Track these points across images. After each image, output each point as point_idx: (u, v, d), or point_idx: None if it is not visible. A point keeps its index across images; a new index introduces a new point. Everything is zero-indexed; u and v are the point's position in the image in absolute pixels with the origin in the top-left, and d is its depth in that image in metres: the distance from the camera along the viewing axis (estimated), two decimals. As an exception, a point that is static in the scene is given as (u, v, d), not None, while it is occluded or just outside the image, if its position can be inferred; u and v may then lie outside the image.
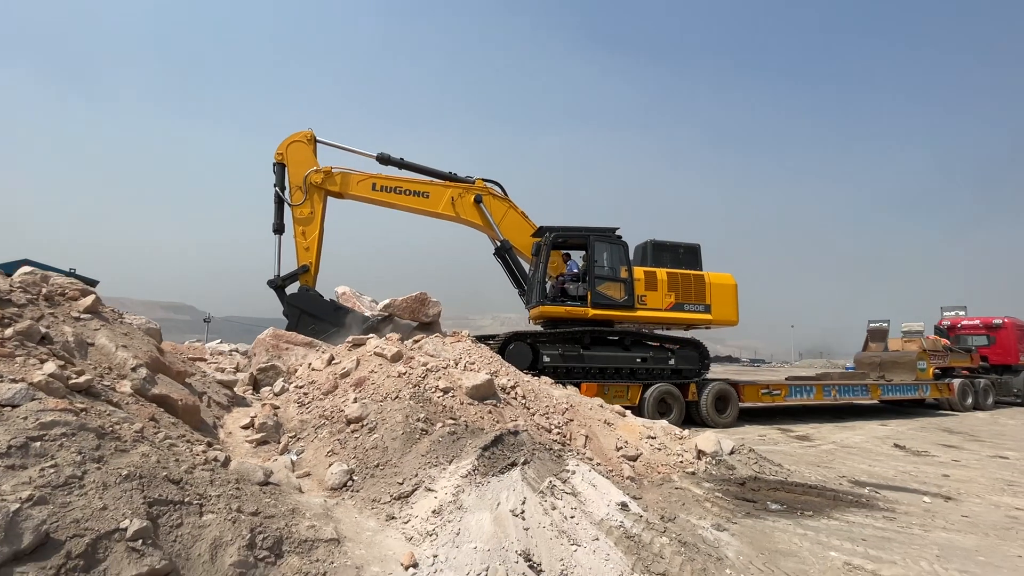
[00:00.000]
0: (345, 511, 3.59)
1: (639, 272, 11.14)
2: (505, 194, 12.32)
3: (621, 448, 6.53)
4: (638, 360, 10.92)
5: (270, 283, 10.35)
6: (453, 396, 5.87)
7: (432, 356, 6.90)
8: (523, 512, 3.51)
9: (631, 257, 11.66)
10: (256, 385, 6.44)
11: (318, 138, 11.63)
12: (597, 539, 3.47)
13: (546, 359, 10.15)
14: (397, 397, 5.51)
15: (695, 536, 4.01)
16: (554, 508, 3.64)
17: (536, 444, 4.73)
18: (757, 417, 13.18)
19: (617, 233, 11.42)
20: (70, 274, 13.15)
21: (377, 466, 4.13)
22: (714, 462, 6.56)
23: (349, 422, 4.89)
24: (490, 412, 6.00)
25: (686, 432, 7.20)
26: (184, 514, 2.78)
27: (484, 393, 6.24)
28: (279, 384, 6.01)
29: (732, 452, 6.99)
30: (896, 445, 9.57)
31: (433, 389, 5.85)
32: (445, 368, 6.34)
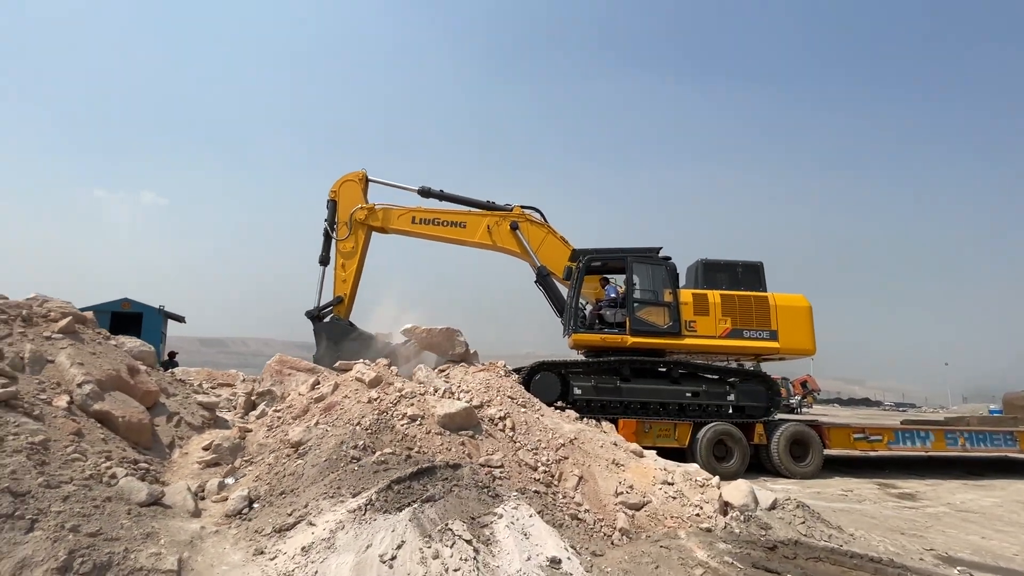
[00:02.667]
0: (219, 541, 3.31)
1: (686, 295, 9.95)
2: (544, 220, 11.94)
3: (622, 494, 5.59)
4: (688, 395, 9.58)
5: (307, 314, 10.84)
6: (420, 424, 5.46)
7: (421, 383, 6.58)
8: (393, 559, 2.97)
9: (683, 279, 10.52)
10: (252, 409, 6.57)
11: (370, 177, 12.31)
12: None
13: (577, 391, 9.30)
14: (359, 423, 5.24)
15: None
16: (437, 557, 3.04)
17: (473, 480, 4.13)
18: (859, 469, 10.83)
19: (662, 253, 10.40)
20: (159, 310, 15.00)
21: (282, 494, 3.84)
22: (742, 518, 5.36)
23: (292, 446, 4.70)
24: (463, 444, 5.47)
25: (715, 480, 6.00)
26: (4, 529, 2.69)
27: (460, 423, 5.73)
28: (261, 407, 6.06)
29: (773, 507, 5.69)
30: (1042, 513, 7.21)
31: (400, 416, 5.49)
32: (422, 395, 5.97)
